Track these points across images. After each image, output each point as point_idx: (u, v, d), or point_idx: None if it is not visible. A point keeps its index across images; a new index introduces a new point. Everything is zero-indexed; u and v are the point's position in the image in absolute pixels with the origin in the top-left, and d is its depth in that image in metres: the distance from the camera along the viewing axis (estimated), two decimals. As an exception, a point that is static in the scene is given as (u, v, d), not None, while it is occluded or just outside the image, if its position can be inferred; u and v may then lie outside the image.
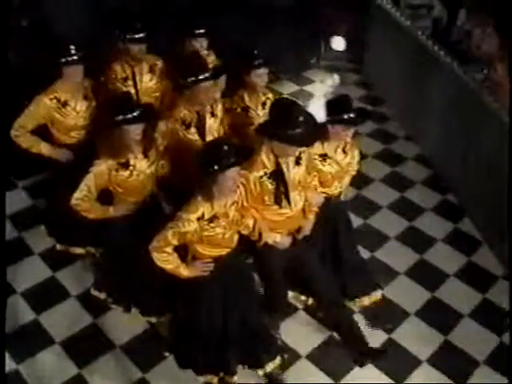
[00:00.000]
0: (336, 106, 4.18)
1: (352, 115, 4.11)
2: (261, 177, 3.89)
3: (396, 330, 4.94)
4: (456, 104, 6.24)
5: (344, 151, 4.41)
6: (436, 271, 5.49)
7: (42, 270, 5.31)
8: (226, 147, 3.55)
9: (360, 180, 6.42)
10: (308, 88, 8.19)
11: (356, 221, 5.93)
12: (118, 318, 4.87)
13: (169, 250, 3.74)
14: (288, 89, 7.92)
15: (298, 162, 3.99)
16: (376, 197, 6.33)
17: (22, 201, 6.02)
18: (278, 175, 3.91)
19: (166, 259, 3.77)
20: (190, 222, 3.64)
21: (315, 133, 4.06)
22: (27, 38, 5.92)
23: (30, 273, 5.28)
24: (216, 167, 3.49)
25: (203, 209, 3.65)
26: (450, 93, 6.37)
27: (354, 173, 4.68)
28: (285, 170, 3.94)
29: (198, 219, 3.65)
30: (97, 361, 4.61)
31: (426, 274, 5.44)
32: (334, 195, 4.55)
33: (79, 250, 5.27)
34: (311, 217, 4.30)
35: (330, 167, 4.35)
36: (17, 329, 4.82)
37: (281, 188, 3.94)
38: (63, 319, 4.89)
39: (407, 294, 5.24)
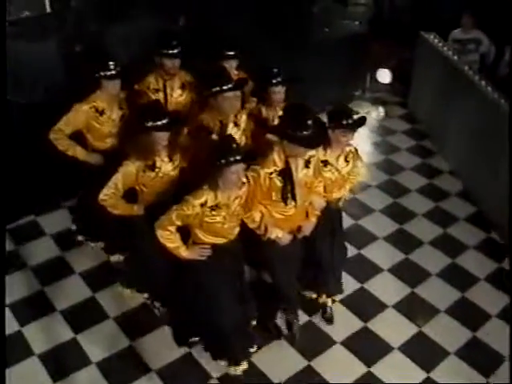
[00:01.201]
0: (335, 113, 4.47)
1: (350, 121, 4.38)
2: (270, 173, 4.18)
3: (435, 368, 4.83)
4: (502, 141, 6.14)
5: (346, 160, 4.67)
6: (478, 311, 5.37)
7: (82, 289, 5.37)
8: (233, 145, 3.94)
9: (403, 214, 6.42)
10: (352, 119, 8.16)
11: (397, 255, 5.90)
12: (156, 343, 4.90)
13: (172, 229, 4.07)
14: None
15: (307, 165, 4.30)
16: (418, 232, 6.24)
17: (65, 220, 6.09)
18: (286, 174, 4.20)
19: (168, 237, 4.09)
20: (193, 206, 3.97)
21: (322, 136, 4.30)
22: (80, 62, 6.14)
23: (70, 292, 5.35)
24: (223, 161, 3.84)
25: (207, 196, 3.99)
26: (496, 129, 6.28)
27: (354, 181, 4.87)
28: (293, 169, 4.22)
29: (202, 205, 3.98)
30: (132, 384, 4.62)
31: (467, 313, 5.33)
32: (332, 200, 4.76)
33: (114, 258, 5.53)
34: (313, 219, 4.55)
35: (331, 174, 4.62)
36: (54, 347, 4.87)
37: (288, 186, 4.22)
38: (100, 340, 4.92)
39: (448, 332, 5.14)
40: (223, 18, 6.82)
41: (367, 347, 4.98)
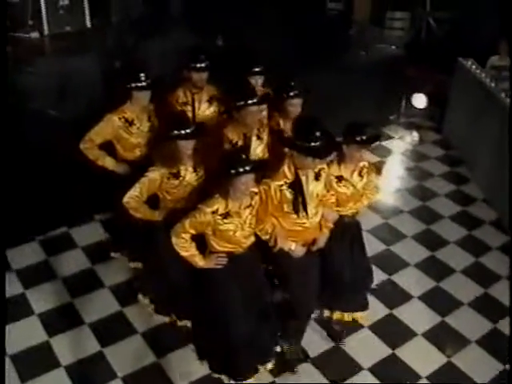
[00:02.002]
0: (350, 129, 4.55)
1: (364, 137, 4.49)
2: (281, 185, 4.28)
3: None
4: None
5: (360, 175, 4.75)
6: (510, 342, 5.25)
7: (111, 303, 5.39)
8: (243, 156, 4.15)
9: (435, 241, 6.34)
10: (386, 144, 8.13)
11: (428, 283, 5.84)
12: (181, 360, 4.88)
13: (186, 237, 4.20)
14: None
15: (317, 178, 4.40)
16: (450, 260, 6.15)
17: (97, 234, 6.14)
18: (296, 186, 4.29)
19: (182, 245, 4.22)
20: (205, 213, 4.12)
21: (330, 148, 4.36)
22: (120, 78, 6.27)
23: (99, 305, 5.37)
24: (232, 171, 4.01)
25: (219, 205, 4.14)
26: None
27: (371, 196, 4.95)
28: (303, 181, 4.32)
29: (213, 213, 4.12)
30: (156, 401, 4.61)
31: (499, 345, 5.20)
32: (347, 215, 4.82)
33: (134, 264, 5.52)
34: (326, 231, 4.60)
35: (346, 188, 4.69)
36: (81, 359, 4.89)
37: (299, 198, 4.31)
38: (127, 355, 4.93)
39: (478, 363, 5.04)
40: (261, 39, 6.88)
41: (394, 375, 4.90)
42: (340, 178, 4.66)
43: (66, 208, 6.06)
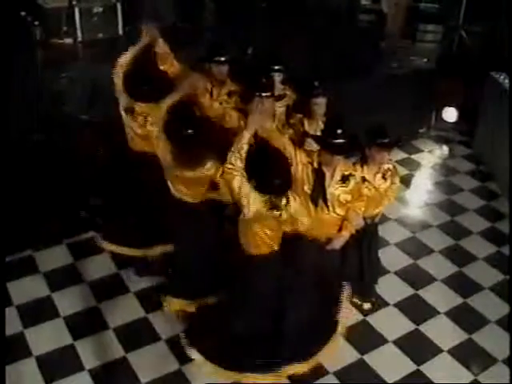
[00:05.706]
0: (371, 132, 4.74)
1: (384, 140, 4.66)
2: (309, 162, 4.45)
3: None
4: None
5: (384, 177, 4.88)
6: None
7: (136, 309, 5.40)
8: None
9: (463, 257, 6.27)
10: (415, 157, 8.07)
11: (455, 299, 5.78)
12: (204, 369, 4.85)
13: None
14: (395, 155, 7.84)
15: (343, 181, 4.50)
16: (478, 277, 6.06)
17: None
18: (318, 174, 4.43)
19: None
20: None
21: (351, 148, 4.56)
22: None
23: (124, 310, 5.38)
24: None
25: None
26: None
27: (393, 199, 5.11)
28: (327, 177, 4.45)
29: None
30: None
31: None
32: (367, 216, 4.91)
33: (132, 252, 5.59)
34: (346, 234, 4.68)
35: (367, 190, 4.78)
36: (105, 363, 4.91)
37: (319, 188, 4.44)
38: (151, 361, 4.93)
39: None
40: (291, 51, 6.89)
41: (419, 391, 4.85)
42: (362, 179, 4.75)
43: (95, 213, 6.09)
